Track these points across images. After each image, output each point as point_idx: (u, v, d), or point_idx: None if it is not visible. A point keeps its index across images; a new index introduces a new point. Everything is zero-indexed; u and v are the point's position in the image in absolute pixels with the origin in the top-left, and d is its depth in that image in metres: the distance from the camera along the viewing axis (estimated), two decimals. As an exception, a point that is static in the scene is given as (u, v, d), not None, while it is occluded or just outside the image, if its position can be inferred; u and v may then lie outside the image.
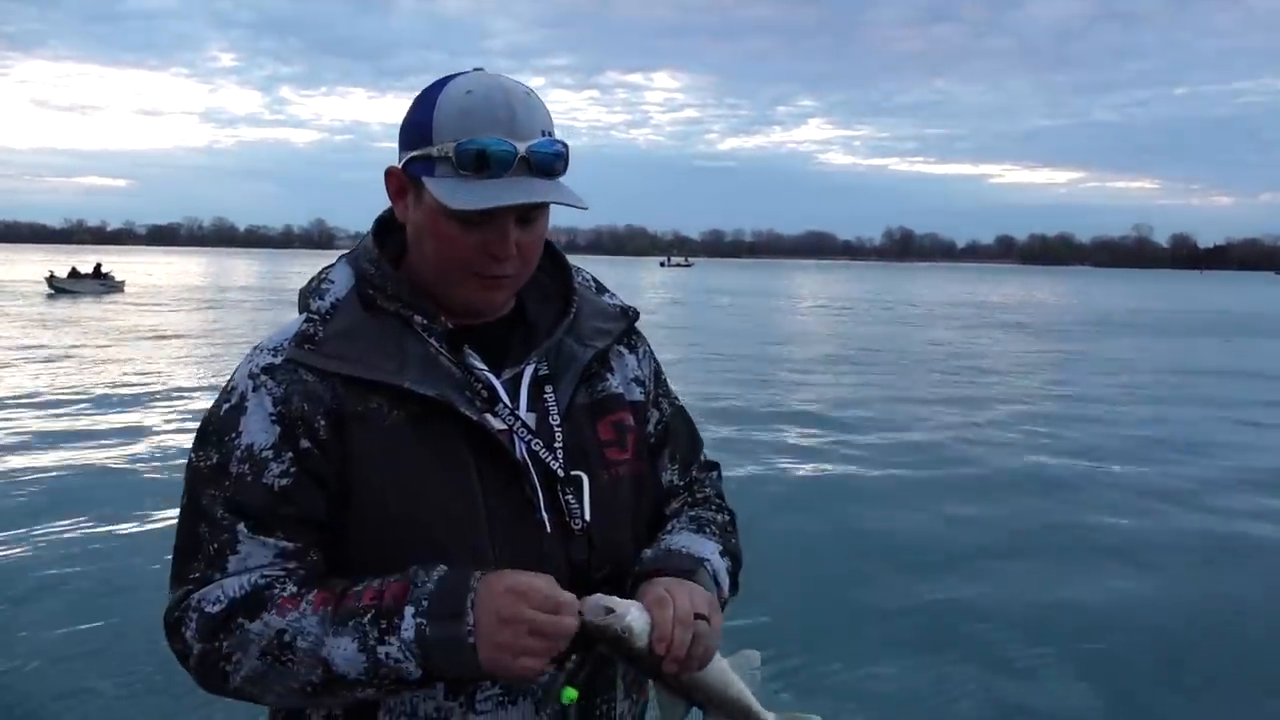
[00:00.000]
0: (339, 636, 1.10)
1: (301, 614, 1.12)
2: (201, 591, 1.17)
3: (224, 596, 1.15)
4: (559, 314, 1.36)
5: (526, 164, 1.19)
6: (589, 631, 1.12)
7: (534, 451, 1.25)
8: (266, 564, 1.17)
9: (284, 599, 1.14)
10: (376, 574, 1.16)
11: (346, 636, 1.10)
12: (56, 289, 40.61)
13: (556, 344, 1.33)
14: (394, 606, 1.10)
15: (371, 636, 1.10)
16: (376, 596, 1.12)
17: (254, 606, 1.14)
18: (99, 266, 44.83)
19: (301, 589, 1.15)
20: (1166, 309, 49.06)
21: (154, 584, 1.19)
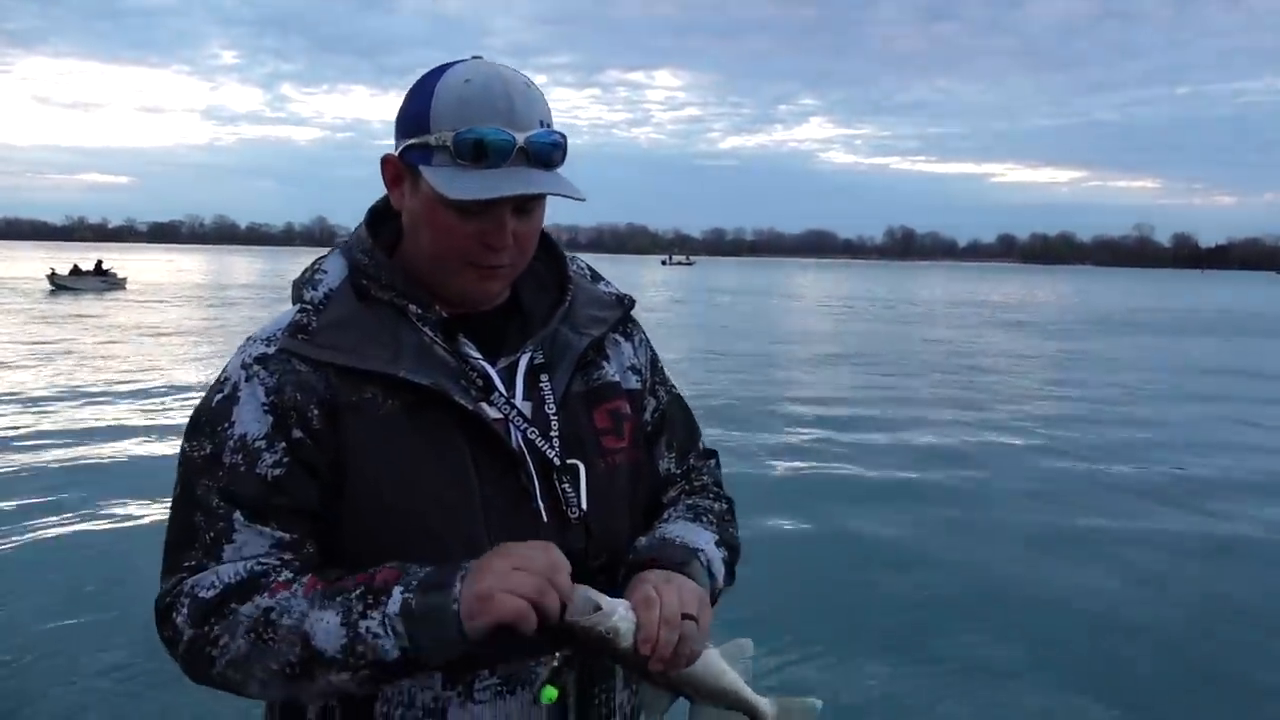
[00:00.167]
0: (324, 610, 1.09)
1: (292, 594, 1.12)
2: (196, 578, 1.16)
3: (219, 582, 1.15)
4: (554, 302, 1.36)
5: (525, 154, 1.18)
6: (573, 630, 1.11)
7: (530, 440, 1.24)
8: (262, 553, 1.16)
9: (278, 584, 1.14)
10: (372, 564, 1.16)
11: (330, 610, 1.09)
12: (58, 286, 40.59)
13: (552, 333, 1.33)
14: (384, 586, 1.10)
15: (355, 611, 1.09)
16: (368, 578, 1.12)
17: (248, 591, 1.13)
18: (100, 264, 44.82)
19: (297, 576, 1.15)
20: (1167, 308, 49.03)
21: (152, 578, 1.18)
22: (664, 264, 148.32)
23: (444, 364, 1.23)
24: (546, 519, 1.23)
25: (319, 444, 1.18)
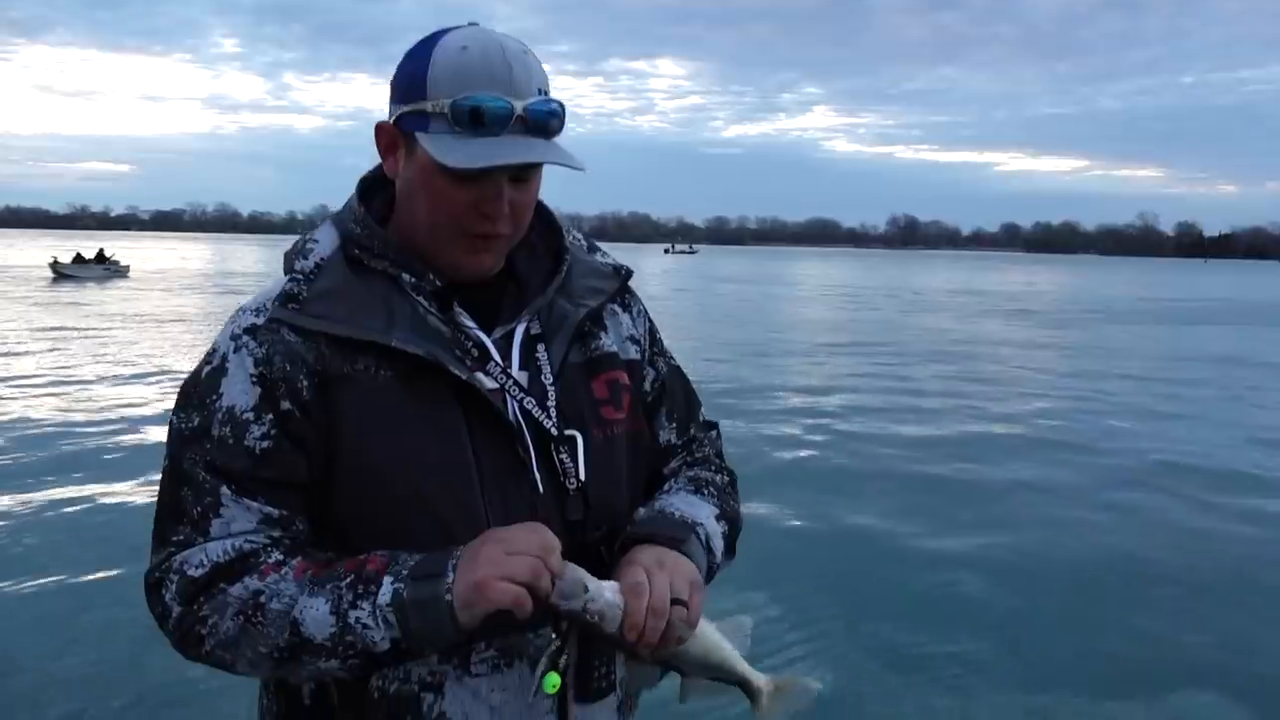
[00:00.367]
0: (314, 597, 1.09)
1: (281, 577, 1.11)
2: (184, 554, 1.15)
3: (206, 560, 1.13)
4: (550, 273, 1.33)
5: (523, 122, 1.16)
6: (557, 612, 1.11)
7: (527, 410, 1.23)
8: (251, 529, 1.14)
9: (267, 566, 1.12)
10: (367, 536, 1.15)
11: (320, 598, 1.09)
12: (60, 274, 40.61)
13: (548, 303, 1.31)
14: (374, 575, 1.09)
15: (345, 600, 1.08)
16: (358, 565, 1.11)
17: (237, 572, 1.12)
18: (101, 252, 44.84)
19: (286, 558, 1.14)
20: (1170, 298, 48.90)
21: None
22: (667, 252, 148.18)
23: (438, 334, 1.21)
24: (544, 490, 1.22)
25: (309, 416, 1.16)
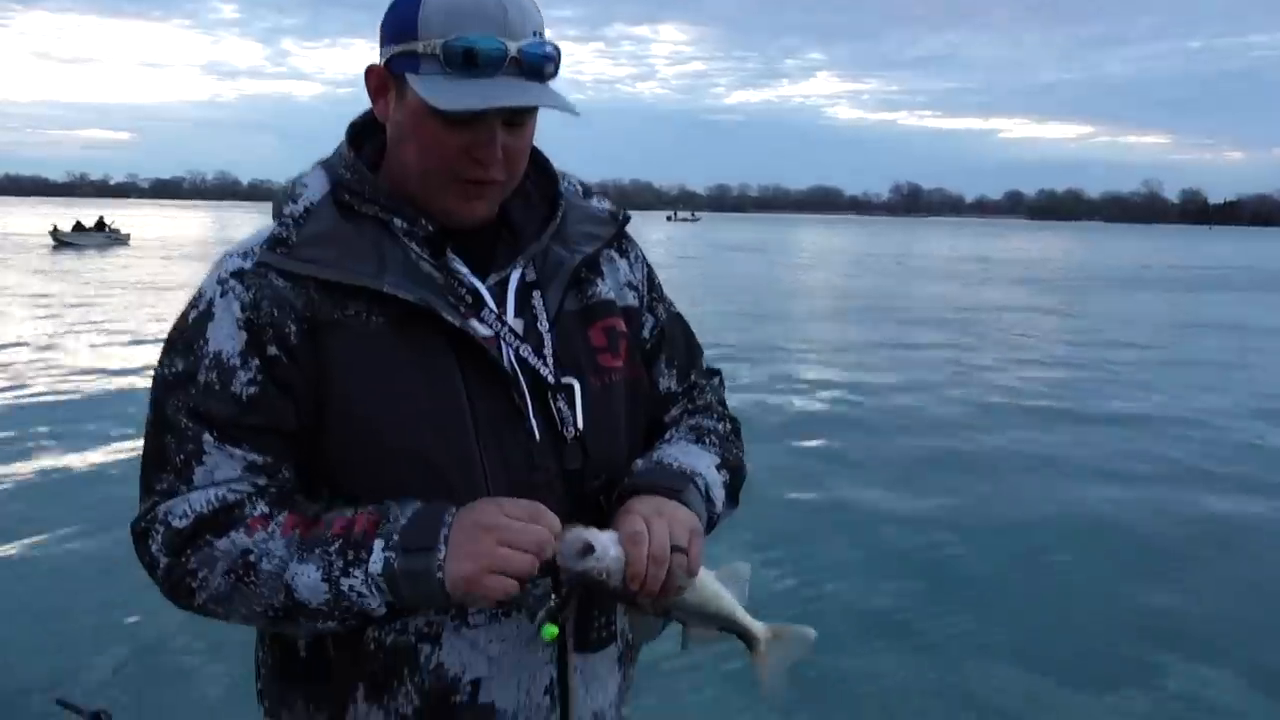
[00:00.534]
0: (304, 563, 1.08)
1: (269, 535, 1.10)
2: (168, 504, 1.13)
3: (190, 511, 1.12)
4: (545, 219, 1.30)
5: (517, 64, 1.13)
6: (563, 574, 1.11)
7: (523, 358, 1.21)
8: (235, 477, 1.13)
9: (253, 519, 1.11)
10: (360, 485, 1.14)
11: (311, 564, 1.08)
12: (61, 242, 40.55)
13: (544, 249, 1.28)
14: (363, 539, 1.07)
15: (336, 567, 1.07)
16: (346, 526, 1.09)
17: (222, 524, 1.11)
18: (101, 219, 44.74)
19: (273, 509, 1.12)
20: (1174, 264, 48.68)
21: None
22: (669, 220, 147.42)
23: (431, 280, 1.18)
24: (540, 438, 1.20)
25: (296, 362, 1.14)
